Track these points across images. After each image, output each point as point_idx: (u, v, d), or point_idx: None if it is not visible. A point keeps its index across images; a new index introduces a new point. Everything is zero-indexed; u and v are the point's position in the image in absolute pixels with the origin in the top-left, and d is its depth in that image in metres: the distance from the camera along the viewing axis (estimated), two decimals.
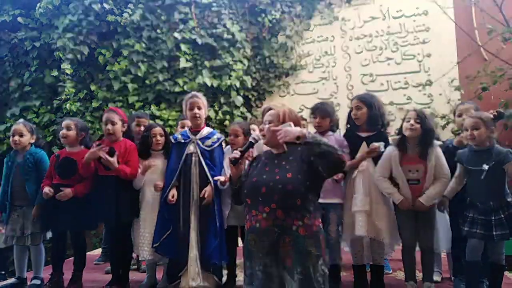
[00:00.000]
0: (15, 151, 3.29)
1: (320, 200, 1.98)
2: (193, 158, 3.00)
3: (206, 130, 3.10)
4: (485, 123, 2.60)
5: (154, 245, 2.94)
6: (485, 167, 2.58)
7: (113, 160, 2.93)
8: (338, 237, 2.94)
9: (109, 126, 3.06)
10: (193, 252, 2.90)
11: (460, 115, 2.95)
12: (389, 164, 2.79)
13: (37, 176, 3.19)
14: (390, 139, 2.88)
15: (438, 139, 2.88)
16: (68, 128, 3.13)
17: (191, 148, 3.02)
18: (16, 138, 3.20)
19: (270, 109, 2.05)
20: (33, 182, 3.17)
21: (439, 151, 2.75)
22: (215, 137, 3.09)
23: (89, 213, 3.06)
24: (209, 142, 3.05)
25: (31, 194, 3.17)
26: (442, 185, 2.72)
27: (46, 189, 2.99)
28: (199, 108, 3.02)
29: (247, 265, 1.93)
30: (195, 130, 3.09)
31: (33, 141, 3.29)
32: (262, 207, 1.86)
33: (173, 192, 2.96)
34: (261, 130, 1.97)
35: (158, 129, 3.17)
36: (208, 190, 2.92)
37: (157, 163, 3.11)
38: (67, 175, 3.06)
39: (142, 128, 3.45)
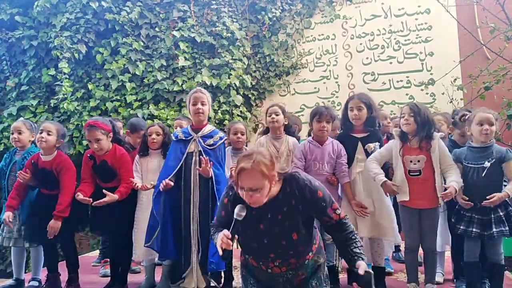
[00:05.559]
0: (15, 148, 3.29)
1: None
2: (194, 158, 2.90)
3: (208, 128, 2.98)
4: (496, 120, 2.65)
5: (146, 245, 2.86)
6: (487, 164, 2.59)
7: (112, 197, 2.81)
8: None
9: (95, 145, 2.92)
10: (194, 256, 2.86)
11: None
12: (388, 154, 2.79)
13: None
14: (393, 131, 2.90)
15: (439, 130, 2.87)
16: (49, 132, 2.97)
17: (192, 147, 2.92)
18: (15, 135, 3.20)
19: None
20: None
21: (442, 142, 2.74)
22: (217, 136, 2.97)
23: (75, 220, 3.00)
24: (211, 141, 2.92)
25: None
26: (456, 173, 2.65)
27: None
28: (203, 104, 2.88)
29: (251, 282, 1.93)
30: (197, 127, 2.96)
31: (33, 138, 3.25)
32: (273, 261, 1.84)
33: (168, 182, 2.79)
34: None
35: (154, 128, 3.09)
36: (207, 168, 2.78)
37: (154, 162, 3.06)
38: (51, 187, 2.99)
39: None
